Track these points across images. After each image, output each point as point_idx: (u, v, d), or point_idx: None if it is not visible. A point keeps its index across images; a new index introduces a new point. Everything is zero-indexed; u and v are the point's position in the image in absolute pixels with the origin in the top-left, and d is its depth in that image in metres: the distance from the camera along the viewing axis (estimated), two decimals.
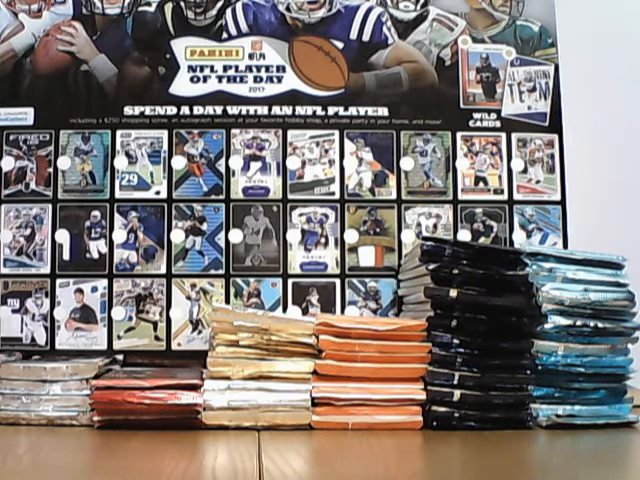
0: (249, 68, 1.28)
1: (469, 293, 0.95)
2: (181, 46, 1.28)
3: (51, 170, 1.25)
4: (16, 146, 1.25)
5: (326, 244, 1.25)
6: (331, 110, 1.28)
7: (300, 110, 1.28)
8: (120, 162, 1.25)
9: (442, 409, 0.93)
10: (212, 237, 1.25)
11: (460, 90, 1.30)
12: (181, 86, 1.27)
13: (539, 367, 0.96)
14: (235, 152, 1.27)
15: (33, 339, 1.21)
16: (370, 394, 0.93)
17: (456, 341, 0.94)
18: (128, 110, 1.26)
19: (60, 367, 0.95)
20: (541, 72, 1.31)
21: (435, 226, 1.27)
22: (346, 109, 1.28)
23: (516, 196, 1.28)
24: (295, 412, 0.92)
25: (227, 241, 1.25)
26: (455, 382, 0.93)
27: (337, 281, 1.25)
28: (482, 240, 1.26)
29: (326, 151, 1.28)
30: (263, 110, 1.28)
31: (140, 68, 1.27)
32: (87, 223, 1.24)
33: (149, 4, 1.29)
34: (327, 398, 0.93)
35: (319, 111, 1.28)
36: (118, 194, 1.25)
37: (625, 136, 1.29)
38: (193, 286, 1.23)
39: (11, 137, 1.25)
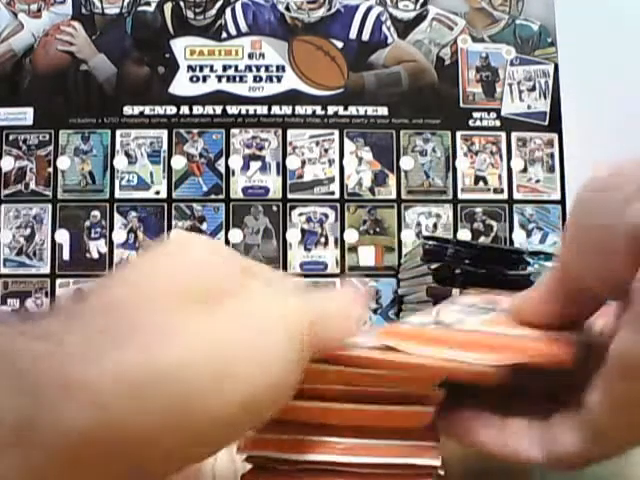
0: (249, 68, 1.28)
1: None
2: (181, 46, 1.28)
3: (51, 170, 1.25)
4: (16, 146, 1.25)
5: (326, 244, 1.25)
6: (331, 110, 1.28)
7: (300, 110, 1.28)
8: (120, 162, 1.25)
9: None
10: (212, 237, 1.24)
11: (460, 89, 1.30)
12: (181, 86, 1.27)
13: None
14: (235, 152, 1.27)
15: None
16: (338, 454, 0.37)
17: None
18: (128, 110, 1.26)
19: None
20: (541, 71, 1.31)
21: (435, 225, 1.27)
22: (346, 108, 1.28)
23: (516, 195, 1.28)
24: None
25: (227, 241, 1.25)
26: None
27: (337, 281, 1.25)
28: (482, 240, 1.26)
29: (326, 151, 1.28)
30: (263, 110, 1.28)
31: (140, 68, 1.27)
32: (87, 223, 1.24)
33: (148, 4, 1.29)
34: (263, 459, 0.38)
35: (319, 110, 1.28)
36: (118, 194, 1.25)
37: (625, 135, 1.28)
38: None
39: (11, 137, 1.25)
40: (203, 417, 0.27)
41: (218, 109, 1.27)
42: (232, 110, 1.27)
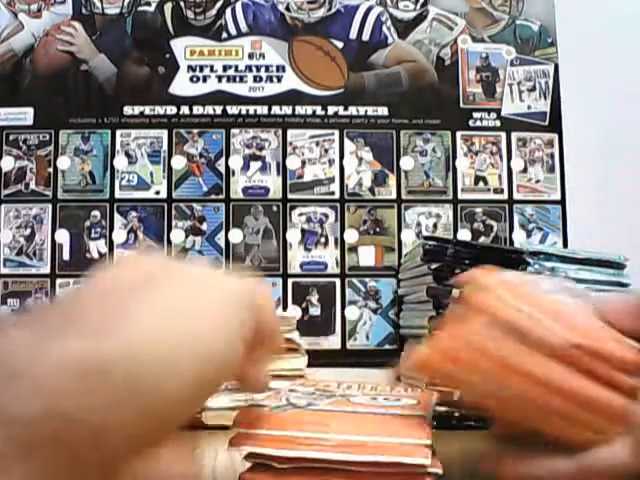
0: (249, 68, 1.28)
1: None
2: (181, 46, 1.28)
3: (51, 170, 1.25)
4: (16, 146, 1.25)
5: (326, 244, 1.25)
6: (331, 110, 1.28)
7: (300, 110, 1.28)
8: (120, 162, 1.25)
9: (442, 408, 0.93)
10: (212, 237, 1.25)
11: (460, 89, 1.30)
12: (181, 86, 1.27)
13: None
14: (235, 152, 1.27)
15: None
16: (331, 451, 0.39)
17: None
18: (128, 110, 1.26)
19: None
20: (541, 71, 1.31)
21: (435, 226, 1.27)
22: (346, 109, 1.28)
23: (516, 195, 1.28)
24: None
25: (227, 241, 1.25)
26: None
27: (337, 281, 1.25)
28: (482, 240, 1.26)
29: (326, 151, 1.27)
30: (263, 110, 1.28)
31: (140, 68, 1.27)
32: (87, 223, 1.24)
33: (149, 4, 1.29)
34: (261, 456, 0.41)
35: (319, 111, 1.28)
36: (118, 194, 1.25)
37: (625, 135, 1.29)
38: None
39: (11, 137, 1.25)
40: (156, 398, 0.27)
41: (218, 109, 1.27)
42: (232, 110, 1.27)
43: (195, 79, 1.28)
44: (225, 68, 1.28)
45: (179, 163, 1.26)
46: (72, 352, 0.25)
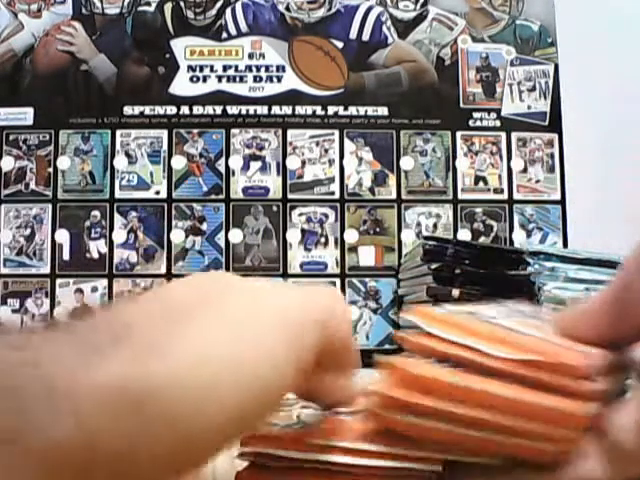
0: (249, 68, 1.28)
1: (471, 292, 0.95)
2: (181, 46, 1.28)
3: (51, 170, 1.25)
4: (16, 146, 1.25)
5: (326, 244, 1.25)
6: (331, 110, 1.28)
7: (300, 110, 1.28)
8: (120, 162, 1.25)
9: None
10: (212, 237, 1.25)
11: (460, 89, 1.30)
12: (181, 86, 1.27)
13: None
14: (235, 152, 1.27)
15: None
16: (337, 454, 0.36)
17: None
18: (128, 110, 1.26)
19: None
20: (541, 71, 1.31)
21: (435, 226, 1.27)
22: (346, 109, 1.28)
23: (516, 195, 1.28)
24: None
25: (227, 241, 1.25)
26: None
27: (337, 281, 1.25)
28: (482, 240, 1.26)
29: (326, 151, 1.28)
30: (263, 110, 1.28)
31: (140, 68, 1.27)
32: (87, 223, 1.24)
33: (149, 4, 1.29)
34: (260, 456, 0.38)
35: (319, 111, 1.28)
36: (118, 194, 1.25)
37: (624, 135, 1.29)
38: None
39: (11, 137, 1.25)
40: (195, 425, 0.26)
41: (218, 109, 1.27)
42: (232, 110, 1.28)
43: (195, 79, 1.28)
44: (225, 68, 1.28)
45: (179, 163, 1.26)
46: (112, 373, 0.25)
